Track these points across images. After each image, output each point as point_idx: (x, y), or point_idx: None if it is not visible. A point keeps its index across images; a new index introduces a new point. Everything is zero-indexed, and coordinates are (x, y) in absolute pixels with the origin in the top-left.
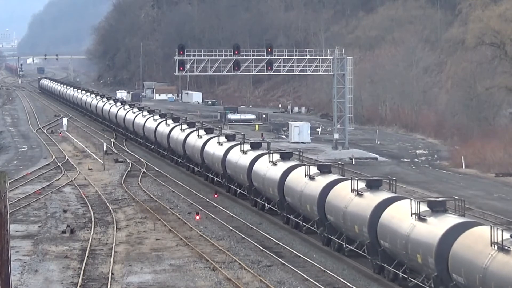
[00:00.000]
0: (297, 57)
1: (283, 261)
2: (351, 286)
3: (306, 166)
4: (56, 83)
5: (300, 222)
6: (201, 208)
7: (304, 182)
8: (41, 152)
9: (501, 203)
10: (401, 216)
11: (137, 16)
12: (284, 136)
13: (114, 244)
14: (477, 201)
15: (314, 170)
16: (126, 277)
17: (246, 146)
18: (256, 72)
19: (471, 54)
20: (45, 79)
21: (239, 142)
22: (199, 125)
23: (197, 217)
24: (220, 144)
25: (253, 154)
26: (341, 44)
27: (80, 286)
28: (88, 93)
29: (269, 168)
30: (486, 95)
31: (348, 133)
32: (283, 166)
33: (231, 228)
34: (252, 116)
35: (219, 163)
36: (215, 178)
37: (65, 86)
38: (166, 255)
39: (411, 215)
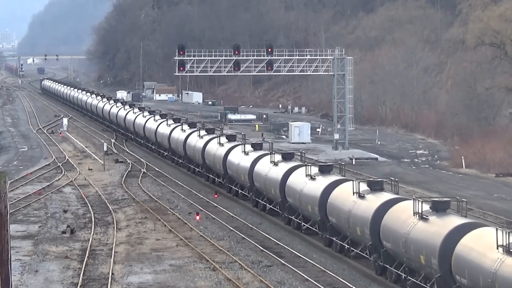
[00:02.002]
0: (297, 57)
1: (283, 261)
2: (351, 286)
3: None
4: (60, 85)
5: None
6: (201, 208)
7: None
8: (41, 152)
9: (501, 203)
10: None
11: (137, 16)
12: (284, 136)
13: (114, 244)
14: (477, 201)
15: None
16: (126, 277)
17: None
18: (256, 72)
19: (471, 54)
20: (47, 80)
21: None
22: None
23: (197, 218)
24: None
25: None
26: (341, 44)
27: (80, 286)
28: (93, 95)
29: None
30: (486, 95)
31: (348, 133)
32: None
33: (231, 228)
34: (252, 117)
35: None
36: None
37: (69, 88)
38: (166, 255)
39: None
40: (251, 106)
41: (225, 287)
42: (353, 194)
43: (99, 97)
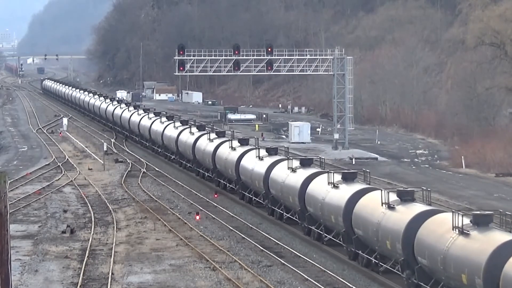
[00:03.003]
0: (297, 57)
1: (283, 261)
2: (351, 286)
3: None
4: (62, 85)
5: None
6: (201, 208)
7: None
8: (41, 152)
9: (501, 203)
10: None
11: (137, 16)
12: (284, 136)
13: (114, 244)
14: (477, 201)
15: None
16: (126, 277)
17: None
18: (256, 72)
19: (471, 54)
20: (48, 80)
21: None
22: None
23: (197, 217)
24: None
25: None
26: (341, 44)
27: (80, 286)
28: (96, 96)
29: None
30: (486, 95)
31: (348, 133)
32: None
33: (231, 228)
34: (252, 116)
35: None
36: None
37: (72, 88)
38: (166, 255)
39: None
40: (251, 106)
41: (225, 287)
42: (382, 205)
43: (102, 98)
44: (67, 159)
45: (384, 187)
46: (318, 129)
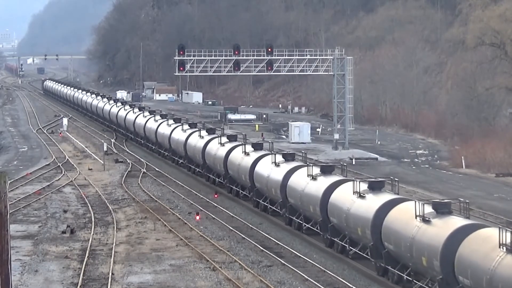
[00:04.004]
0: (297, 57)
1: (283, 261)
2: (352, 286)
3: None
4: (64, 86)
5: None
6: (201, 208)
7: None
8: (41, 152)
9: (501, 203)
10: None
11: (137, 16)
12: (284, 136)
13: (114, 244)
14: (477, 201)
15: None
16: (126, 277)
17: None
18: (256, 72)
19: (471, 54)
20: (49, 81)
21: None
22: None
23: (197, 217)
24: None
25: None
26: (341, 44)
27: (80, 286)
28: (99, 97)
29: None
30: (486, 95)
31: (348, 133)
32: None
33: (231, 228)
34: (252, 116)
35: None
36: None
37: (75, 89)
38: (166, 255)
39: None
40: (251, 106)
41: (225, 287)
42: (416, 218)
43: (112, 102)
44: (67, 159)
45: (412, 195)
46: (318, 129)
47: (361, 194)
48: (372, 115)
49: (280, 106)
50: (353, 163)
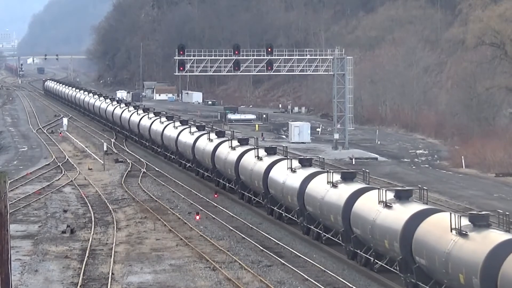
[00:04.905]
0: (297, 57)
1: (283, 261)
2: (351, 286)
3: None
4: (66, 87)
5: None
6: (201, 208)
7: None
8: (41, 152)
9: (501, 203)
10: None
11: (137, 16)
12: (284, 136)
13: (114, 244)
14: (477, 201)
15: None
16: (126, 277)
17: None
18: (256, 72)
19: (471, 54)
20: (50, 81)
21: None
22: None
23: (197, 217)
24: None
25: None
26: (341, 44)
27: (80, 286)
28: (102, 98)
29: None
30: (486, 95)
31: (348, 133)
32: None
33: (231, 228)
34: (252, 116)
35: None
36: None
37: (78, 90)
38: (166, 255)
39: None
40: (251, 106)
41: (225, 287)
42: (452, 231)
43: (115, 103)
44: (67, 159)
45: (440, 205)
46: (318, 129)
47: (388, 204)
48: (372, 115)
49: (280, 106)
50: (353, 163)
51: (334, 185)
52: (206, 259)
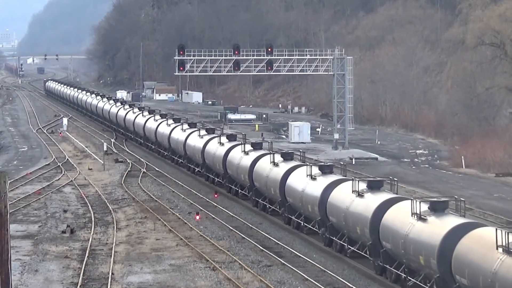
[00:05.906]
0: (297, 57)
1: (283, 261)
2: (351, 286)
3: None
4: (68, 88)
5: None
6: (201, 208)
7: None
8: (41, 152)
9: (501, 203)
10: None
11: (137, 16)
12: (284, 136)
13: (114, 244)
14: (477, 201)
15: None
16: (126, 277)
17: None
18: (256, 72)
19: (471, 54)
20: (51, 81)
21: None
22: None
23: (197, 217)
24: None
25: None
26: (341, 44)
27: (80, 286)
28: (105, 99)
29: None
30: (486, 95)
31: (348, 133)
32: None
33: (231, 228)
34: (252, 116)
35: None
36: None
37: (77, 90)
38: (166, 255)
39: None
40: (251, 106)
41: (225, 287)
42: (497, 248)
43: (119, 104)
44: (67, 159)
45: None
46: (318, 129)
47: (422, 217)
48: (372, 115)
49: (280, 106)
50: (353, 163)
51: (360, 194)
52: (206, 259)
